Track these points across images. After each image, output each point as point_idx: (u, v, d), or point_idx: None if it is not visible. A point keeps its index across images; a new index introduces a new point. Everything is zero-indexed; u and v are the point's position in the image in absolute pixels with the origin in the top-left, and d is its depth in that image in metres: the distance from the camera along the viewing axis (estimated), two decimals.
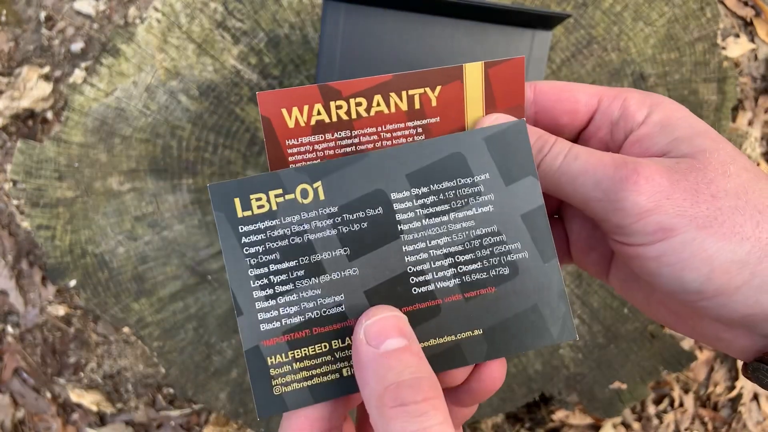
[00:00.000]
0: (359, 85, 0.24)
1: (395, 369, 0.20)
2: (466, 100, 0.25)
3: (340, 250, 0.24)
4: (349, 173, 0.24)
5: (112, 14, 0.91)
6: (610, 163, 0.22)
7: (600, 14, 0.56)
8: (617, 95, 0.25)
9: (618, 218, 0.22)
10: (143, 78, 0.54)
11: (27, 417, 0.89)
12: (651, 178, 0.21)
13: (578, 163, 0.23)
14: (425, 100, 0.25)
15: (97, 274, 0.55)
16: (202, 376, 0.57)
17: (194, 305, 0.56)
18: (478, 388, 0.25)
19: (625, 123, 0.25)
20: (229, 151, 0.55)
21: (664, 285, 0.22)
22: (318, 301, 0.24)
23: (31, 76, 0.89)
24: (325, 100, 0.24)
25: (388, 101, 0.25)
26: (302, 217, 0.24)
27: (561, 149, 0.24)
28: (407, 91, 0.25)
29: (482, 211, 0.24)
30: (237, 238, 0.23)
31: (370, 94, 0.25)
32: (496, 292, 0.25)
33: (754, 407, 0.92)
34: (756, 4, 0.94)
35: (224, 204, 0.23)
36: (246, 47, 0.54)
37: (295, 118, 0.25)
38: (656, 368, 0.61)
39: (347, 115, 0.25)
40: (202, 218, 0.55)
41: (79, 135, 0.54)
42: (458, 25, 0.46)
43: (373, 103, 0.25)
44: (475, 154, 0.24)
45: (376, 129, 0.25)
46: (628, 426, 0.90)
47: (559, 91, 0.26)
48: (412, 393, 0.19)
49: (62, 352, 0.90)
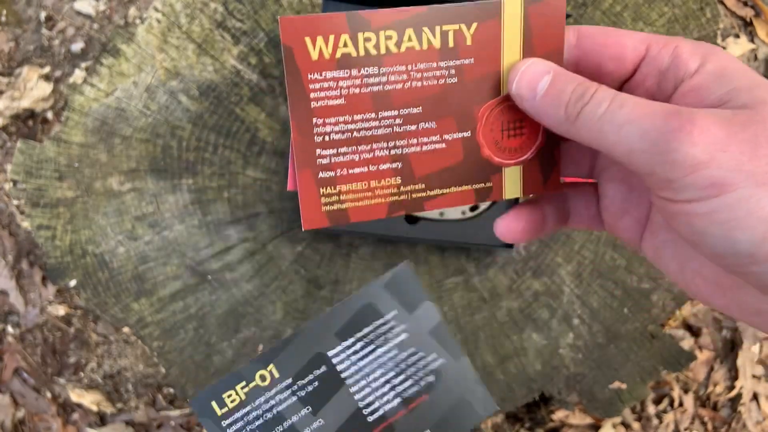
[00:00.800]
0: (391, 15, 0.23)
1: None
2: (503, 41, 0.24)
3: (303, 410, 0.30)
4: (293, 348, 0.30)
5: (112, 14, 0.91)
6: (660, 111, 0.20)
7: (600, 14, 0.56)
8: (667, 43, 0.24)
9: (667, 171, 0.20)
10: (143, 78, 0.54)
11: (27, 417, 0.89)
12: (706, 128, 0.19)
13: (624, 111, 0.21)
14: (460, 38, 0.24)
15: (97, 274, 0.55)
16: (203, 376, 0.57)
17: (194, 305, 0.56)
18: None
19: (676, 72, 0.23)
20: (230, 151, 0.55)
21: (712, 246, 0.21)
22: None
23: (31, 76, 0.89)
24: (352, 30, 0.23)
25: (420, 36, 0.23)
26: (267, 396, 0.30)
27: (604, 96, 0.22)
28: (441, 26, 0.23)
29: (400, 339, 0.31)
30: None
31: (402, 27, 0.23)
32: (430, 397, 0.32)
33: (754, 407, 0.92)
34: (756, 5, 0.94)
35: (205, 410, 0.29)
36: (246, 47, 0.54)
37: (319, 49, 0.23)
38: (656, 368, 0.61)
39: (376, 49, 0.23)
40: (202, 218, 0.55)
41: (79, 135, 0.54)
42: None
43: (405, 37, 0.23)
44: (381, 300, 0.30)
45: (406, 67, 0.24)
46: (628, 426, 0.90)
47: (605, 35, 0.25)
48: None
49: (62, 352, 0.90)
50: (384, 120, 0.24)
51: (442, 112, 0.25)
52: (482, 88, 0.25)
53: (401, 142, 0.25)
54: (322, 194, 0.25)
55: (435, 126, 0.25)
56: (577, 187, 0.28)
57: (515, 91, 0.24)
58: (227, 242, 0.55)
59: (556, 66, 0.24)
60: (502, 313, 0.58)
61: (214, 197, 0.55)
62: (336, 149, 0.24)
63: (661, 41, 0.24)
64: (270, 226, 0.56)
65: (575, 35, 0.25)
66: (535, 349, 0.59)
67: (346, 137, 0.24)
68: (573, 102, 0.22)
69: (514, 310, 0.58)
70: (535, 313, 0.58)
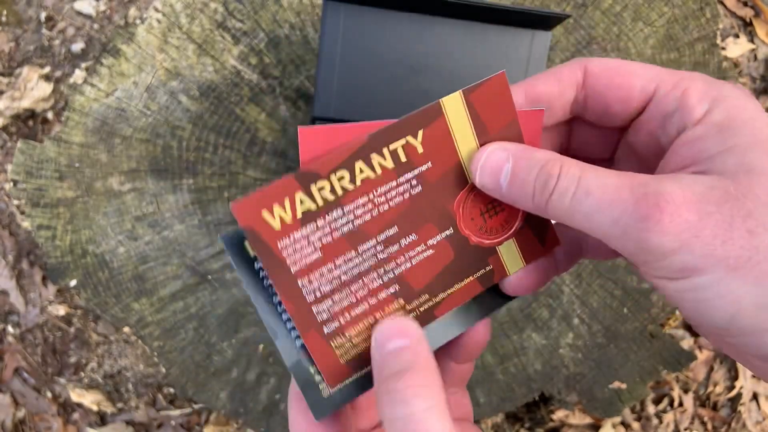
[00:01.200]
0: (336, 158, 0.22)
1: (390, 364, 0.22)
2: (454, 136, 0.24)
3: None
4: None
5: (112, 14, 0.91)
6: (628, 198, 0.19)
7: (599, 14, 0.56)
8: (677, 84, 0.22)
9: (641, 256, 0.20)
10: (144, 78, 0.54)
11: (27, 417, 0.89)
12: (676, 214, 0.19)
13: (591, 201, 0.20)
14: (410, 149, 0.23)
15: (97, 274, 0.55)
16: (203, 375, 0.57)
17: (194, 305, 0.56)
18: (468, 342, 0.27)
19: (681, 118, 0.22)
20: (230, 151, 0.55)
21: (687, 317, 0.21)
22: None
23: (31, 77, 0.89)
24: (304, 186, 0.22)
25: (371, 164, 0.23)
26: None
27: (569, 184, 0.21)
28: (388, 146, 0.23)
29: None
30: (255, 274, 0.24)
31: (350, 164, 0.23)
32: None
33: (754, 407, 0.92)
34: (755, 5, 0.94)
35: (237, 249, 0.24)
36: (246, 47, 0.55)
37: (279, 217, 0.22)
38: (656, 368, 0.61)
39: (333, 194, 0.23)
40: (202, 218, 0.55)
41: (79, 135, 0.54)
42: (458, 26, 0.46)
43: (356, 171, 0.23)
44: None
45: (368, 197, 0.23)
46: (627, 426, 0.90)
47: (613, 74, 0.24)
48: (399, 382, 0.21)
49: (63, 352, 0.90)
50: (365, 253, 0.24)
51: (418, 222, 0.24)
52: (449, 184, 0.24)
53: (390, 266, 0.24)
54: (335, 347, 0.24)
55: (417, 237, 0.24)
56: None
57: (480, 184, 0.24)
58: None
59: (514, 148, 0.23)
60: (501, 313, 0.58)
61: (215, 197, 0.55)
62: (331, 300, 0.24)
63: (671, 82, 0.23)
64: None
65: (582, 73, 0.24)
66: (535, 348, 0.59)
67: (336, 284, 0.24)
68: (538, 192, 0.22)
69: (513, 309, 0.58)
70: (535, 313, 0.58)
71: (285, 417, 0.58)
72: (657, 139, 0.24)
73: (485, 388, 0.60)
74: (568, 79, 0.25)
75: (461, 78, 0.47)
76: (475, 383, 0.59)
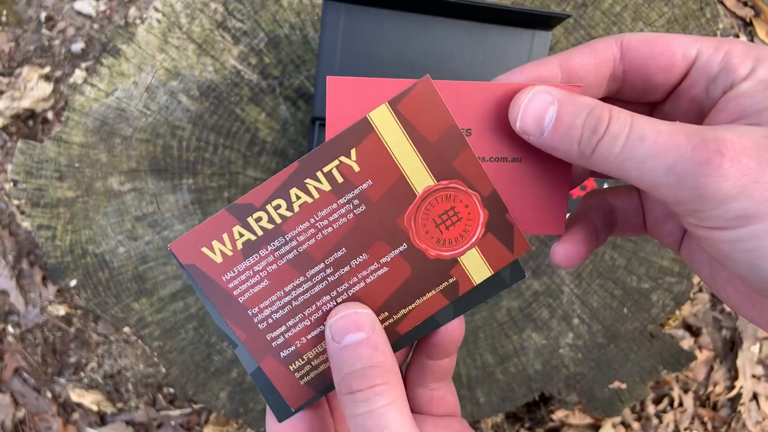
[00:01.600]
0: (268, 188, 0.22)
1: (349, 361, 0.22)
2: (390, 150, 0.23)
3: None
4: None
5: (112, 14, 0.91)
6: (685, 143, 0.19)
7: (599, 15, 0.56)
8: (718, 46, 0.22)
9: (695, 204, 0.19)
10: (144, 78, 0.54)
11: (27, 417, 0.89)
12: (737, 159, 0.18)
13: (645, 146, 0.19)
14: (345, 169, 0.23)
15: (97, 274, 0.55)
16: (203, 375, 0.57)
17: (194, 305, 0.56)
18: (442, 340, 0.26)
19: (726, 77, 0.22)
20: (230, 151, 0.55)
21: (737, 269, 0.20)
22: None
23: (31, 77, 0.89)
24: (240, 219, 0.23)
25: (306, 190, 0.23)
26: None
27: (621, 129, 0.20)
28: (321, 169, 0.23)
29: None
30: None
31: (284, 192, 0.23)
32: None
33: (754, 407, 0.92)
34: (755, 5, 0.94)
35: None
36: (246, 47, 0.55)
37: (219, 251, 0.23)
38: (656, 368, 0.61)
39: (271, 223, 0.23)
40: (202, 218, 0.55)
41: (79, 135, 0.54)
42: (458, 26, 0.46)
43: (293, 198, 0.23)
44: None
45: (309, 222, 0.23)
46: (627, 426, 0.90)
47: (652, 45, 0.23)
48: (358, 381, 0.22)
49: (63, 352, 0.90)
50: (315, 277, 0.24)
51: (366, 241, 0.24)
52: (394, 200, 0.24)
53: (342, 287, 0.24)
54: (294, 370, 0.25)
55: (367, 256, 0.24)
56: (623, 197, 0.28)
57: (520, 128, 0.23)
58: None
59: (560, 92, 0.22)
60: (501, 313, 0.58)
61: (215, 197, 0.55)
62: (284, 325, 0.24)
63: (712, 44, 0.22)
64: None
65: (618, 48, 0.24)
66: (535, 348, 0.59)
67: (288, 310, 0.24)
68: (586, 138, 0.21)
69: (514, 309, 0.58)
70: (535, 313, 0.58)
71: None
72: (699, 104, 0.23)
73: (485, 388, 0.60)
74: (604, 52, 0.24)
75: (461, 77, 0.47)
76: (475, 383, 0.60)
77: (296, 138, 0.55)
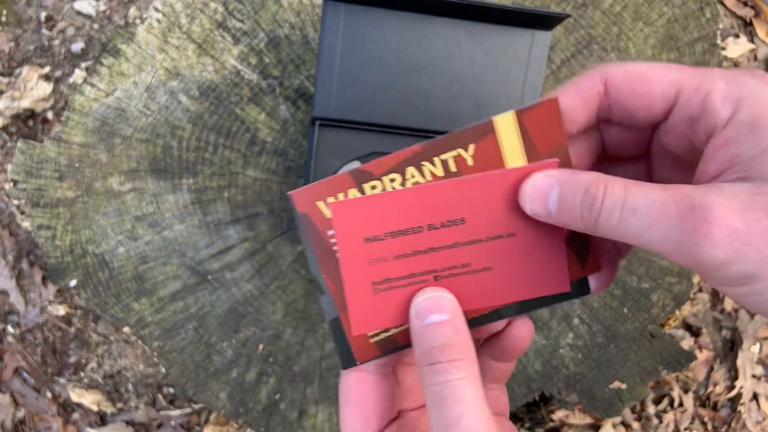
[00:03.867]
0: (390, 161, 0.25)
1: (430, 337, 0.24)
2: (503, 152, 0.25)
3: None
4: None
5: (112, 14, 0.91)
6: (674, 212, 0.20)
7: (600, 14, 0.56)
8: (699, 87, 0.22)
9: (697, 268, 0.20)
10: (143, 78, 0.54)
11: (27, 417, 0.89)
12: (725, 224, 0.19)
13: (638, 219, 0.21)
14: (460, 161, 0.25)
15: (97, 274, 0.55)
16: (203, 375, 0.57)
17: (194, 305, 0.56)
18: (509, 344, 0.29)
19: (707, 121, 0.22)
20: (230, 151, 0.55)
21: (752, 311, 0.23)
22: None
23: (31, 76, 0.89)
24: (358, 183, 0.25)
25: (422, 170, 0.25)
26: None
27: (615, 204, 0.21)
28: (440, 156, 0.25)
29: None
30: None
31: (402, 168, 0.25)
32: None
33: (754, 407, 0.92)
34: (755, 5, 0.94)
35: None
36: (246, 47, 0.55)
37: None
38: (656, 368, 0.61)
39: None
40: (202, 218, 0.55)
41: (79, 135, 0.54)
42: (458, 26, 0.46)
43: (407, 175, 0.25)
44: None
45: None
46: (627, 426, 0.90)
47: (633, 83, 0.24)
48: (439, 354, 0.24)
49: (63, 352, 0.90)
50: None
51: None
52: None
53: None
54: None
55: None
56: None
57: (530, 211, 0.25)
58: (227, 242, 0.56)
59: (558, 174, 0.24)
60: None
61: (215, 197, 0.55)
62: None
63: (692, 85, 0.23)
64: (270, 226, 0.56)
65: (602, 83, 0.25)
66: (535, 348, 0.59)
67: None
68: (586, 215, 0.22)
69: None
70: (535, 313, 0.58)
71: (285, 417, 0.59)
72: (688, 139, 0.24)
73: None
74: (589, 90, 0.25)
75: (461, 78, 0.47)
76: None
77: (296, 138, 0.55)
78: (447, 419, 0.22)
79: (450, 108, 0.47)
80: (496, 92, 0.47)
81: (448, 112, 0.47)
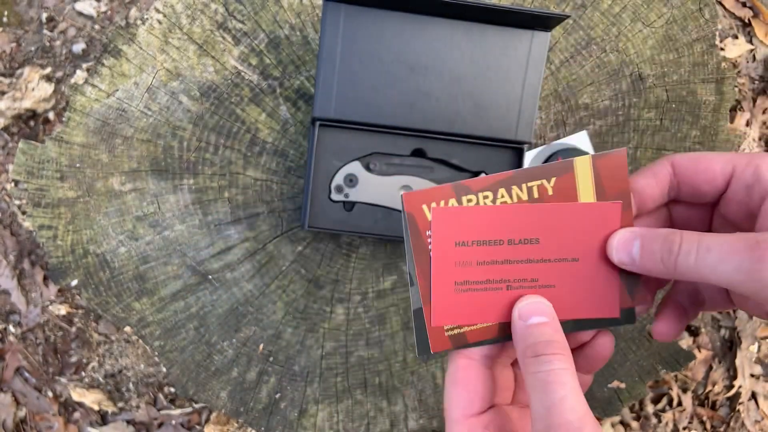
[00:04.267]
0: (486, 181, 0.29)
1: (534, 334, 0.28)
2: (578, 188, 0.30)
3: None
4: None
5: (113, 15, 0.91)
6: (743, 247, 0.24)
7: (599, 15, 0.56)
8: (750, 161, 0.28)
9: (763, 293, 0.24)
10: (144, 79, 0.54)
11: (28, 416, 0.89)
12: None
13: (713, 255, 0.25)
14: (542, 189, 0.29)
15: (98, 274, 0.56)
16: (203, 375, 0.58)
17: (195, 305, 0.56)
18: (592, 354, 0.32)
19: (760, 187, 0.28)
20: (230, 151, 0.55)
21: None
22: None
23: (32, 77, 0.89)
24: (457, 195, 0.29)
25: (510, 192, 0.29)
26: None
27: (690, 246, 0.26)
28: (527, 183, 0.29)
29: None
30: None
31: (496, 188, 0.29)
32: None
33: (752, 406, 0.92)
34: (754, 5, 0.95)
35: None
36: (246, 48, 0.55)
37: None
38: (655, 367, 0.61)
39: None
40: (203, 218, 0.55)
41: (80, 135, 0.54)
42: (457, 26, 0.46)
43: (498, 195, 0.29)
44: None
45: None
46: (626, 425, 0.90)
47: (696, 162, 0.30)
48: (543, 347, 0.27)
49: (64, 352, 0.91)
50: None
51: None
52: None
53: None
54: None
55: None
56: None
57: (617, 261, 0.29)
58: (228, 242, 0.56)
59: (639, 230, 0.29)
60: None
61: (215, 197, 0.55)
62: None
63: (744, 161, 0.29)
64: (270, 226, 0.56)
65: (671, 166, 0.30)
66: None
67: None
68: (666, 258, 0.27)
69: None
70: None
71: (285, 416, 0.59)
72: (745, 206, 0.29)
73: None
74: (661, 173, 0.31)
75: (461, 78, 0.47)
76: None
77: (296, 138, 0.56)
78: (551, 400, 0.26)
79: (449, 108, 0.47)
80: (496, 93, 0.47)
81: (447, 112, 0.47)
